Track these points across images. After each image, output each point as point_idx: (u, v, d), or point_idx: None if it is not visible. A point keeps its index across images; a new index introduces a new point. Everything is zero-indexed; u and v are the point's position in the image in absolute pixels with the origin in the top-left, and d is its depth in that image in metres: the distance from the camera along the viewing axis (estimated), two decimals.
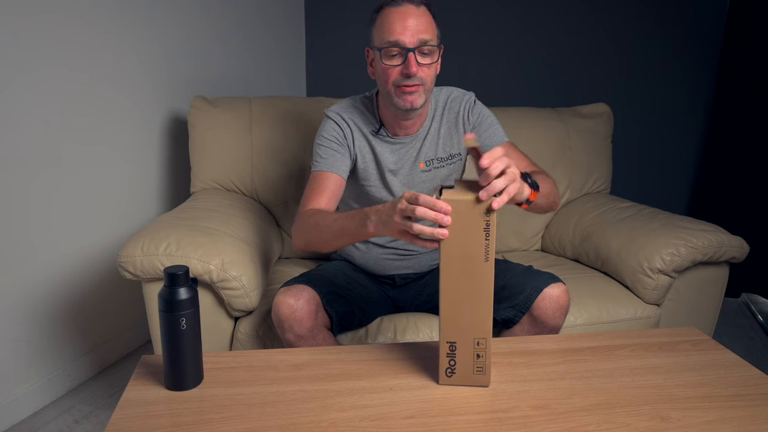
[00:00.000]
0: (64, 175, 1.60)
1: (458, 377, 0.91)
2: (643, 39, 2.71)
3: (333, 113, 1.31)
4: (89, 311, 1.74)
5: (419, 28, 1.14)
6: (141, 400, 0.86)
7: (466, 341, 0.89)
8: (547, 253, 1.96)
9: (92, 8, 1.62)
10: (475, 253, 0.86)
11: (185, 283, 0.86)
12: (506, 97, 2.56)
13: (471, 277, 0.87)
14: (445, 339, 0.90)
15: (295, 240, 1.20)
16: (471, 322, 0.89)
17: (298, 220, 1.19)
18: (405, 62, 1.15)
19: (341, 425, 0.81)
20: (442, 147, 1.35)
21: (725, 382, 0.95)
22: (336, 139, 1.29)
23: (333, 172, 1.26)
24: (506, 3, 2.66)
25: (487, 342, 0.89)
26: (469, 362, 0.90)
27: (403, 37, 1.14)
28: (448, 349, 0.90)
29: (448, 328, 0.90)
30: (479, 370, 0.90)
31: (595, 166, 2.04)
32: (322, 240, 1.12)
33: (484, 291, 0.88)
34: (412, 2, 1.15)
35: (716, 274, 1.59)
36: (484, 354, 0.90)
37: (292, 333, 1.14)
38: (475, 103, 1.34)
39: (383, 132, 1.31)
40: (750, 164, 2.49)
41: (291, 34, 2.70)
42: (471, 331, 0.89)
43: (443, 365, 0.91)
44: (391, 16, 1.15)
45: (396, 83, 1.17)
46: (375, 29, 1.19)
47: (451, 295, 0.89)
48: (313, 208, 1.19)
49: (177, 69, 2.00)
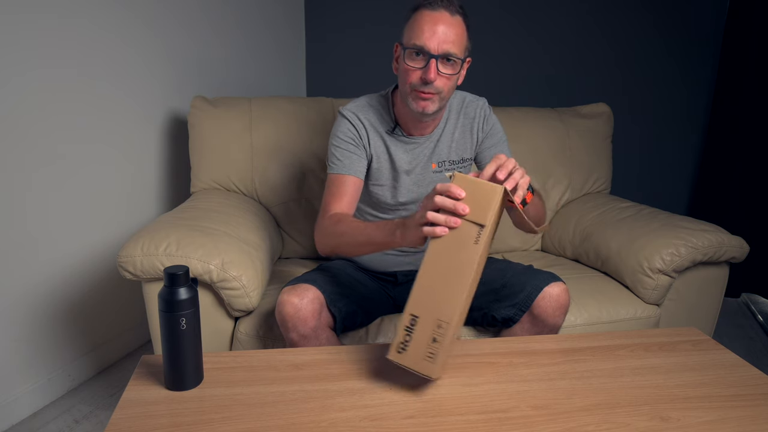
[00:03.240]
0: (64, 175, 1.60)
1: (408, 357, 0.86)
2: (643, 39, 2.71)
3: (348, 112, 1.30)
4: (89, 311, 1.74)
5: (447, 38, 1.13)
6: (141, 400, 0.86)
7: (429, 320, 0.85)
8: (547, 253, 1.96)
9: (92, 7, 1.62)
10: (468, 231, 0.86)
11: (185, 283, 0.86)
12: (506, 97, 2.56)
13: (456, 254, 0.86)
14: (409, 311, 0.87)
15: (320, 245, 1.21)
16: (440, 301, 0.85)
17: (321, 226, 1.21)
18: (426, 67, 1.14)
19: (341, 425, 0.81)
20: (455, 150, 1.35)
21: (725, 382, 0.95)
22: (352, 140, 1.28)
23: (351, 174, 1.26)
24: (506, 3, 2.66)
25: (450, 329, 0.84)
26: (424, 344, 0.85)
27: (429, 43, 1.13)
28: (409, 322, 0.86)
29: (416, 300, 0.87)
30: (430, 356, 0.85)
31: (595, 166, 2.04)
32: (348, 248, 1.15)
33: (464, 273, 0.85)
34: (449, 9, 1.14)
35: (716, 274, 1.59)
36: (441, 341, 0.84)
37: (296, 332, 1.14)
38: (489, 112, 1.37)
39: (398, 131, 1.31)
40: (750, 164, 2.49)
41: (291, 34, 2.70)
42: (437, 310, 0.85)
43: (398, 339, 0.86)
44: (424, 18, 1.14)
45: (413, 86, 1.17)
46: (407, 27, 1.18)
47: (431, 267, 0.87)
48: (336, 213, 1.21)
49: (177, 69, 2.00)
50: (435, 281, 0.86)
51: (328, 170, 1.29)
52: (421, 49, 1.13)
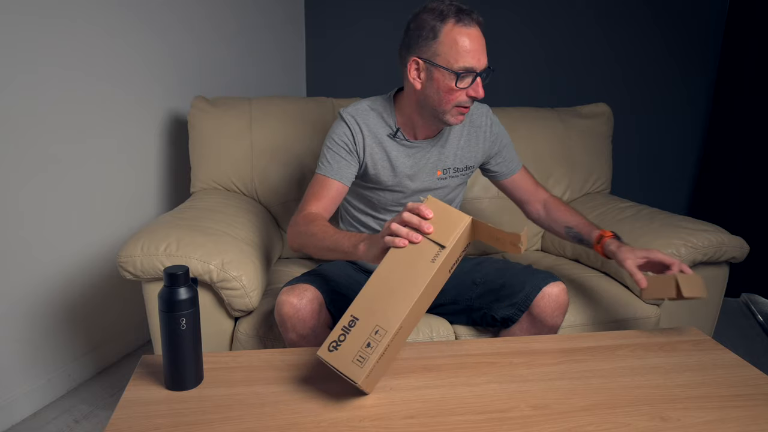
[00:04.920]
0: (64, 175, 1.60)
1: (337, 357, 0.84)
2: (643, 39, 2.71)
3: (348, 115, 1.30)
4: (89, 311, 1.74)
5: (485, 52, 1.17)
6: (141, 400, 0.86)
7: (367, 323, 0.85)
8: (547, 253, 1.96)
9: (92, 7, 1.62)
10: (427, 249, 0.89)
11: (185, 283, 0.86)
12: (506, 97, 2.56)
13: (411, 268, 0.88)
14: (351, 312, 0.87)
15: (290, 240, 1.23)
16: (383, 309, 0.85)
17: (295, 222, 1.21)
18: (473, 86, 1.17)
19: (341, 425, 0.81)
20: (461, 158, 1.36)
21: (725, 382, 0.95)
22: (345, 145, 1.28)
23: (336, 179, 1.26)
24: (506, 3, 2.66)
25: (386, 338, 0.83)
26: (356, 347, 0.83)
27: (478, 64, 1.15)
28: (347, 323, 0.86)
29: (359, 302, 0.87)
30: (360, 360, 0.82)
31: (595, 166, 2.04)
32: (314, 249, 1.16)
33: (415, 287, 0.86)
34: (478, 23, 1.15)
35: (716, 274, 1.59)
36: (375, 347, 0.83)
37: (295, 332, 1.14)
38: (494, 119, 1.40)
39: (400, 135, 1.31)
40: (750, 164, 2.49)
41: (291, 34, 2.70)
42: (377, 317, 0.85)
43: (332, 337, 0.85)
44: (465, 38, 1.13)
45: (460, 104, 1.19)
46: (440, 45, 1.14)
47: (383, 275, 0.89)
48: (311, 213, 1.22)
49: (177, 69, 2.00)
50: (383, 289, 0.87)
51: (316, 169, 1.30)
52: (472, 70, 1.15)
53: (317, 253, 1.17)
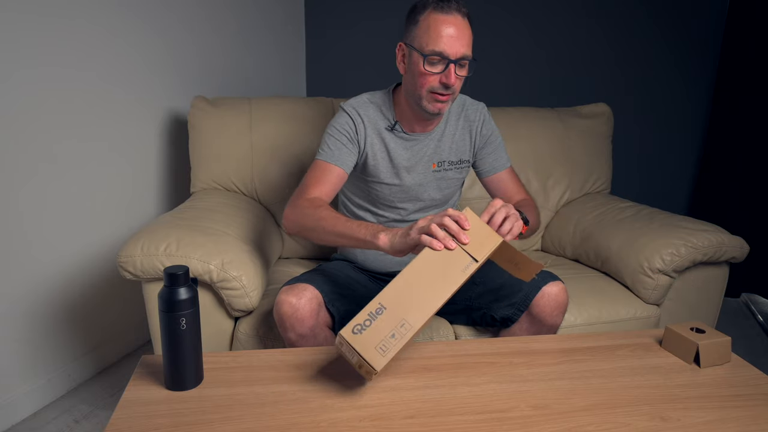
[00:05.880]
0: (64, 175, 1.60)
1: (361, 341, 0.83)
2: (643, 39, 2.71)
3: (349, 107, 1.32)
4: (89, 311, 1.74)
5: (463, 42, 1.16)
6: (141, 400, 0.86)
7: (395, 315, 0.86)
8: (547, 253, 1.96)
9: (92, 7, 1.62)
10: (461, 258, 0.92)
11: (185, 283, 0.86)
12: (506, 97, 2.56)
13: (444, 271, 0.91)
14: (380, 300, 0.87)
15: (288, 222, 1.21)
16: (413, 304, 0.87)
17: (297, 205, 1.20)
18: (445, 72, 1.16)
19: (341, 425, 0.81)
20: (455, 152, 1.37)
21: (725, 382, 0.95)
22: (347, 133, 1.29)
23: (338, 165, 1.27)
24: (506, 3, 2.66)
25: (409, 334, 0.85)
26: (381, 335, 0.84)
27: (449, 49, 1.14)
28: (374, 309, 0.86)
29: (388, 292, 0.88)
30: (383, 348, 0.83)
31: (595, 166, 2.04)
32: (321, 232, 1.14)
33: (445, 291, 0.89)
34: (460, 12, 1.16)
35: (716, 274, 1.59)
36: (399, 340, 0.84)
37: (294, 332, 1.14)
38: (489, 117, 1.40)
39: (398, 128, 1.32)
40: (750, 164, 2.49)
41: (291, 34, 2.70)
42: (406, 311, 0.86)
43: (358, 319, 0.85)
44: (440, 23, 1.14)
45: (432, 89, 1.19)
46: (418, 29, 1.17)
47: (417, 270, 0.90)
48: (318, 198, 1.21)
49: (177, 69, 2.00)
50: (414, 285, 0.89)
51: (316, 156, 1.30)
52: (440, 55, 1.15)
53: (323, 237, 1.14)
